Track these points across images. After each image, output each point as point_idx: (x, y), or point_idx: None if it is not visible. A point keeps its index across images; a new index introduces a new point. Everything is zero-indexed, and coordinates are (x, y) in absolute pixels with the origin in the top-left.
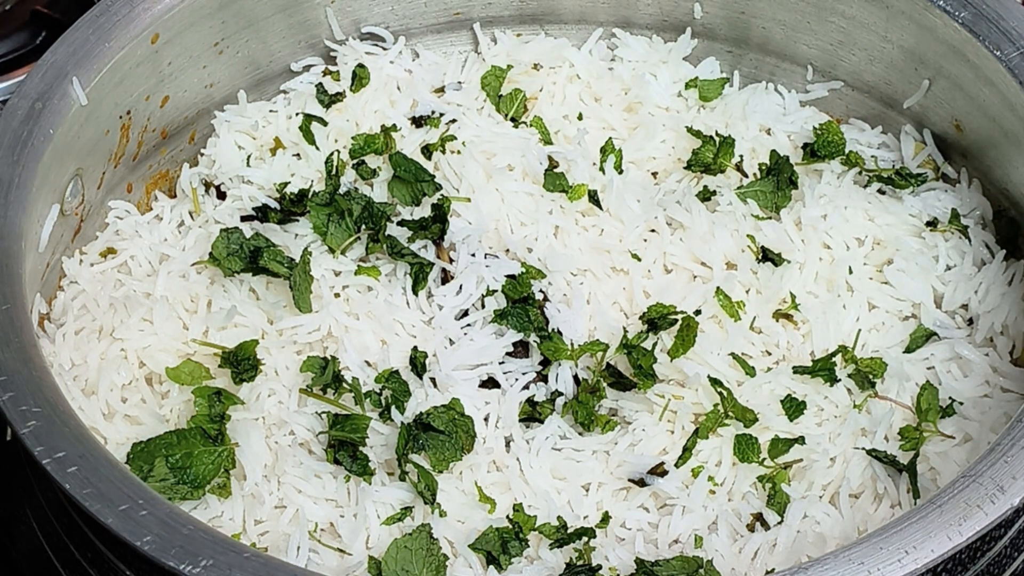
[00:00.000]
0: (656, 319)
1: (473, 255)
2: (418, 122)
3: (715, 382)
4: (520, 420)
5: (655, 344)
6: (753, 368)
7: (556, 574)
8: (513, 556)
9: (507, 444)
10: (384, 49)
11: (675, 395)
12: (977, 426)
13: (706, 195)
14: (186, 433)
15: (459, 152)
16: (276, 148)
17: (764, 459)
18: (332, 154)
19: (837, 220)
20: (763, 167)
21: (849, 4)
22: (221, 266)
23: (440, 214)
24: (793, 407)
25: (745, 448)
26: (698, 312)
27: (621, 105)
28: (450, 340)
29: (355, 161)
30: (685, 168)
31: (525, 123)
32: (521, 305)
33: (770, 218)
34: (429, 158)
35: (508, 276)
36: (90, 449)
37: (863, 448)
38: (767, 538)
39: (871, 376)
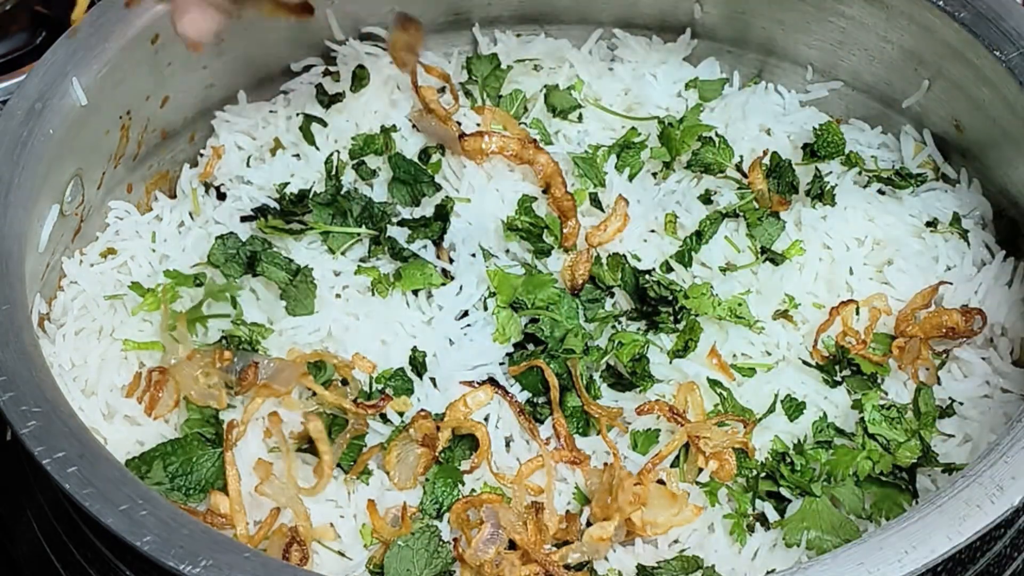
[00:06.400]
0: (656, 318)
1: (473, 255)
2: None
3: (714, 383)
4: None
5: (646, 344)
6: (753, 368)
7: None
8: None
9: (507, 444)
10: (384, 49)
11: (675, 395)
12: (977, 426)
13: (706, 195)
14: (182, 441)
15: (459, 153)
16: (276, 148)
17: (764, 460)
18: (332, 154)
19: (837, 220)
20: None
21: (849, 4)
22: (221, 271)
23: (442, 213)
24: (793, 407)
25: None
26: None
27: (621, 105)
28: (450, 340)
29: (355, 161)
30: (685, 168)
31: (525, 123)
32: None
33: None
34: (428, 160)
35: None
36: (90, 449)
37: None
38: (767, 538)
39: (871, 376)
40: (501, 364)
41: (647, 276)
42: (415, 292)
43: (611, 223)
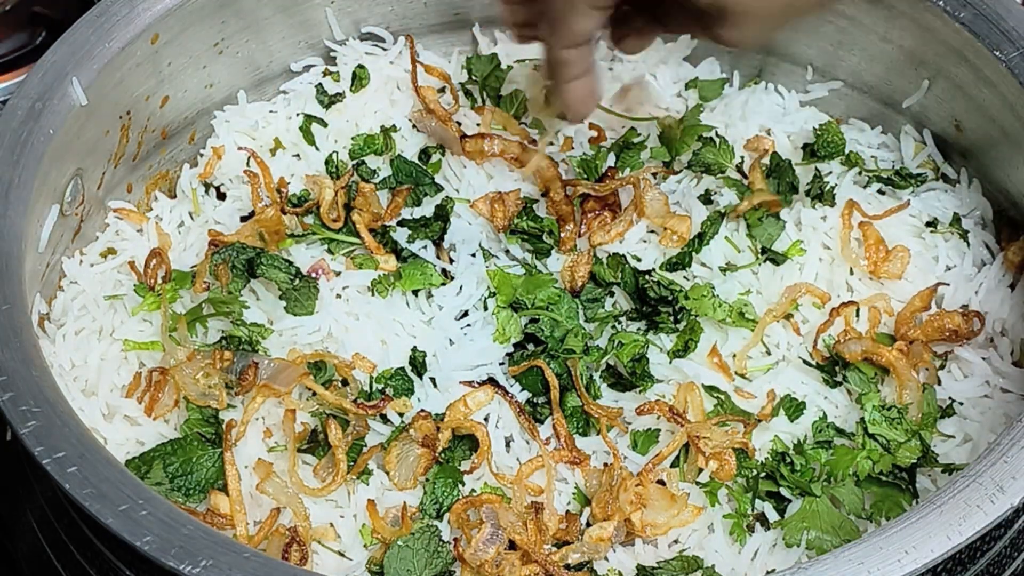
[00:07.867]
0: (656, 317)
1: (473, 255)
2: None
3: (711, 389)
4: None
5: (646, 344)
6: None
7: None
8: None
9: (507, 444)
10: (384, 49)
11: (675, 395)
12: (977, 426)
13: (706, 195)
14: (182, 441)
15: (459, 153)
16: (276, 148)
17: (764, 460)
18: (332, 154)
19: (837, 220)
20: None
21: (849, 4)
22: (221, 283)
23: (443, 213)
24: (793, 407)
25: None
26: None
27: (621, 105)
28: (450, 340)
29: (355, 161)
30: (685, 168)
31: (525, 123)
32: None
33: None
34: (428, 160)
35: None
36: (90, 449)
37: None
38: (767, 538)
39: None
40: (501, 364)
41: (647, 276)
42: (415, 292)
43: (615, 225)
